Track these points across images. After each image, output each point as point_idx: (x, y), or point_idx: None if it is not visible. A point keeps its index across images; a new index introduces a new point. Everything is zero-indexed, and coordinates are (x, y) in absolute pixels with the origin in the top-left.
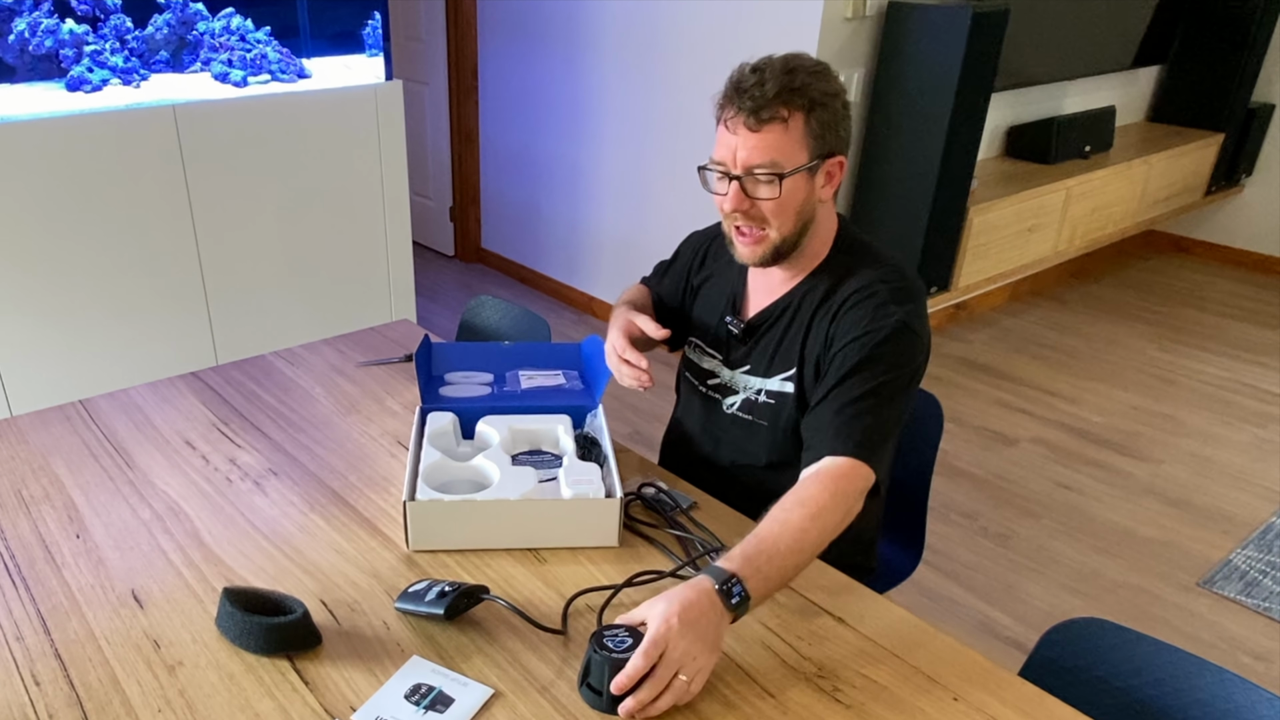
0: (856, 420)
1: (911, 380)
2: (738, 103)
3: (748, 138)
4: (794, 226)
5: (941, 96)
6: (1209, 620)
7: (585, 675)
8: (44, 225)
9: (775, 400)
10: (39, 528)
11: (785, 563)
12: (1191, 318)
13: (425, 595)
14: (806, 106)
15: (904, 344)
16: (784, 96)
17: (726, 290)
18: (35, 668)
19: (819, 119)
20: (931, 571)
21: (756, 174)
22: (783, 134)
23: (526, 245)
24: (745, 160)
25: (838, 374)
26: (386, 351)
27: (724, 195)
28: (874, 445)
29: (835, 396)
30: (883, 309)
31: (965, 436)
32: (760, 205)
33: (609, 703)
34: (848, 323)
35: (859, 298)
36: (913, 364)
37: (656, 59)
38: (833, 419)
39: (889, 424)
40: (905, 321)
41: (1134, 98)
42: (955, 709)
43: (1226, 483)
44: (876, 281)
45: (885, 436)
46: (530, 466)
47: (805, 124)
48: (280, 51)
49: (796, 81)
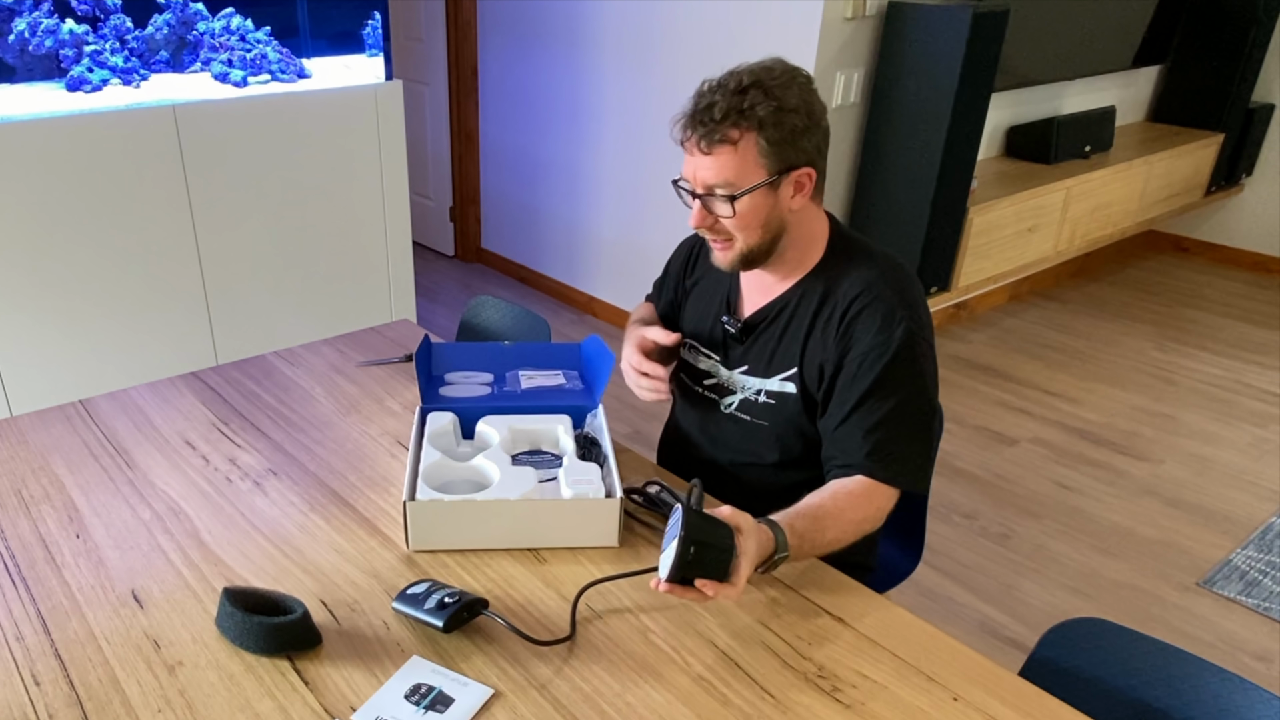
0: (890, 443)
1: (930, 382)
2: (690, 125)
3: (701, 160)
4: (759, 238)
5: (941, 96)
6: (1209, 620)
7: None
8: (44, 225)
9: (776, 400)
10: (39, 528)
11: (814, 552)
12: (1191, 318)
13: (424, 601)
14: (756, 126)
15: (917, 352)
16: (731, 119)
17: (720, 291)
18: (35, 668)
19: (769, 137)
20: (931, 571)
21: (715, 193)
22: (732, 155)
23: (526, 245)
24: (703, 180)
25: (859, 392)
26: (386, 351)
27: (691, 210)
28: (909, 462)
29: (862, 415)
30: (890, 317)
31: (965, 436)
32: (721, 223)
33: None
34: (858, 331)
35: (864, 303)
36: (928, 368)
37: (656, 59)
38: (863, 439)
39: (919, 432)
40: (913, 330)
41: (1134, 98)
42: (955, 709)
43: (1226, 483)
44: (878, 282)
45: (919, 447)
46: (530, 466)
47: (758, 143)
48: (280, 51)
49: (745, 103)
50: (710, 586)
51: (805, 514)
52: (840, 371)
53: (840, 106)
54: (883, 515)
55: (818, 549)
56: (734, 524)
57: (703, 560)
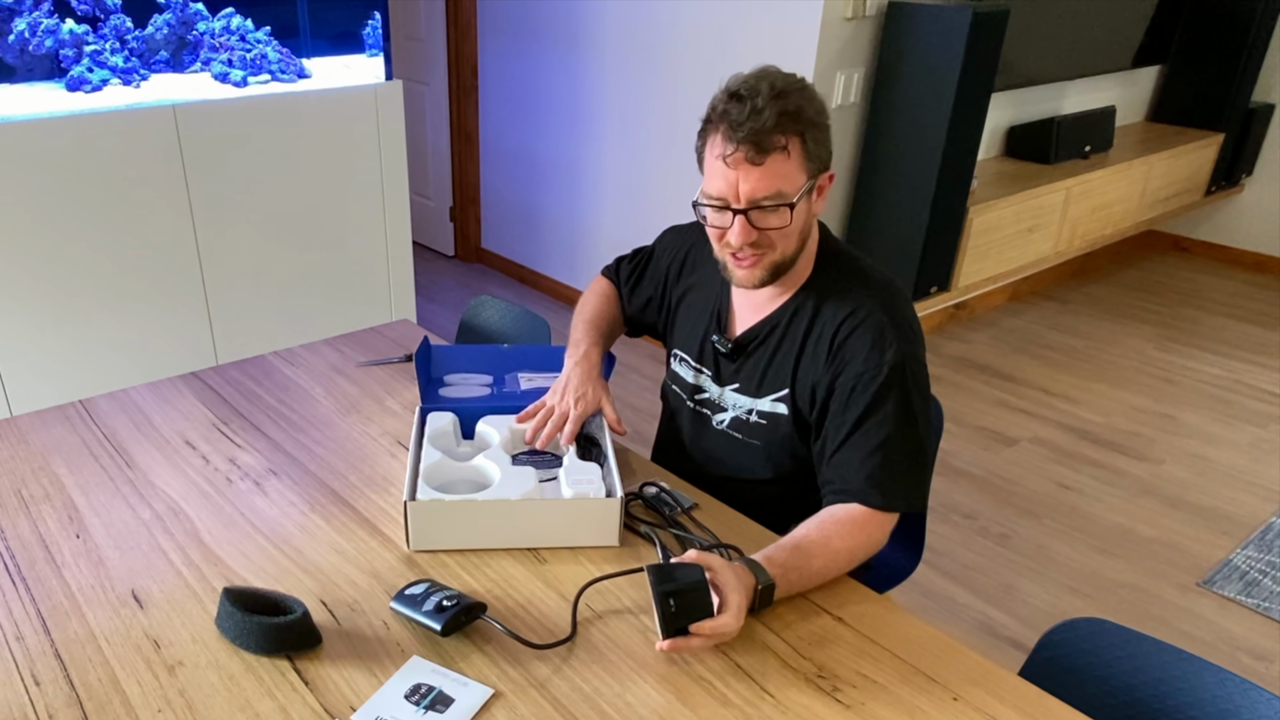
0: (885, 468)
1: (925, 404)
2: (735, 137)
3: (750, 171)
4: (796, 246)
5: (941, 96)
6: (1209, 620)
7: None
8: (44, 225)
9: (767, 420)
10: (39, 528)
11: (805, 583)
12: (1191, 318)
13: (423, 603)
14: (803, 130)
15: (910, 372)
16: (783, 125)
17: (711, 305)
18: (35, 668)
19: (814, 138)
20: (931, 571)
21: (763, 205)
22: (785, 162)
23: (526, 245)
24: (750, 194)
25: (853, 418)
26: (386, 351)
27: (725, 227)
28: (907, 487)
29: (857, 441)
30: (880, 340)
31: (965, 436)
32: (768, 234)
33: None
34: (848, 355)
35: (853, 325)
36: (921, 389)
37: (656, 59)
38: (859, 466)
39: (914, 455)
40: (905, 351)
41: (1134, 98)
42: (955, 709)
43: (1226, 483)
44: (866, 302)
45: (916, 468)
46: (530, 466)
47: (803, 147)
48: (280, 51)
49: (791, 105)
50: (706, 625)
51: (786, 546)
52: (832, 396)
53: (840, 106)
54: (877, 542)
55: (807, 578)
56: (702, 563)
57: (686, 606)
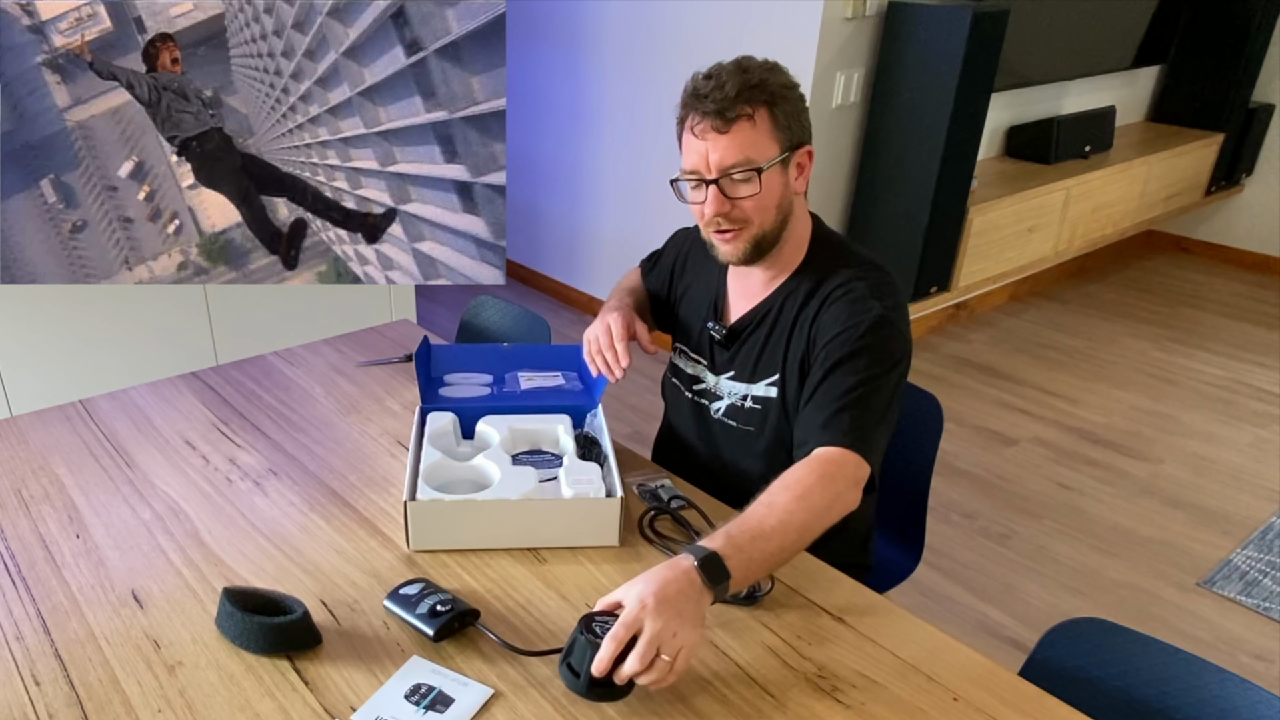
0: (845, 411)
1: (895, 370)
2: (701, 108)
3: (717, 140)
4: (774, 219)
5: (941, 96)
6: (1209, 620)
7: (567, 655)
8: None
9: (761, 406)
10: (39, 528)
11: (770, 544)
12: (1191, 318)
13: (417, 605)
14: (769, 100)
15: (884, 335)
16: (745, 94)
17: (708, 295)
18: (35, 668)
19: (783, 111)
20: (931, 571)
21: (733, 174)
22: (751, 130)
23: (526, 245)
24: (719, 162)
25: (822, 370)
26: (386, 351)
27: (702, 202)
28: (864, 433)
29: (822, 392)
30: (861, 303)
31: (965, 436)
32: (741, 205)
33: (586, 685)
34: (828, 319)
35: (838, 294)
36: (895, 355)
37: (657, 60)
38: (819, 413)
39: (877, 412)
40: (884, 315)
41: (1134, 98)
42: (955, 709)
43: (1226, 483)
44: (854, 279)
45: (875, 423)
46: (530, 466)
47: (771, 117)
48: None
49: (754, 78)
50: (605, 649)
51: (735, 520)
52: (813, 360)
53: (840, 106)
54: (845, 479)
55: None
56: (609, 606)
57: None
